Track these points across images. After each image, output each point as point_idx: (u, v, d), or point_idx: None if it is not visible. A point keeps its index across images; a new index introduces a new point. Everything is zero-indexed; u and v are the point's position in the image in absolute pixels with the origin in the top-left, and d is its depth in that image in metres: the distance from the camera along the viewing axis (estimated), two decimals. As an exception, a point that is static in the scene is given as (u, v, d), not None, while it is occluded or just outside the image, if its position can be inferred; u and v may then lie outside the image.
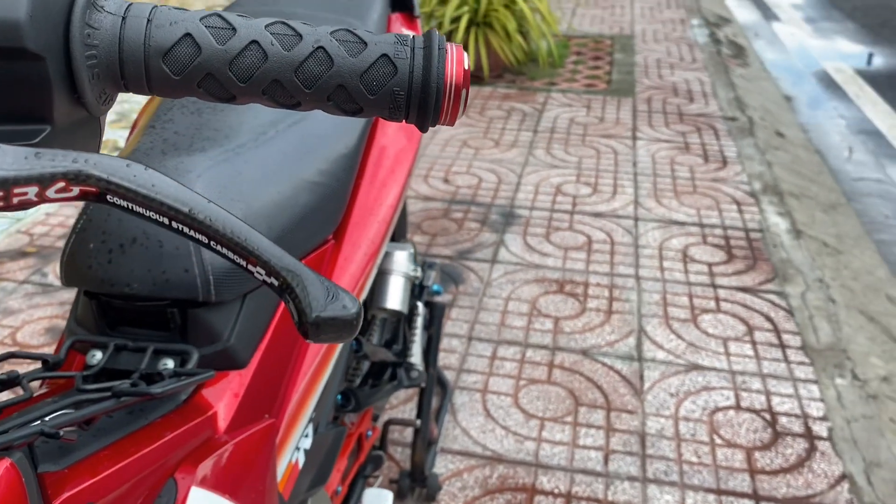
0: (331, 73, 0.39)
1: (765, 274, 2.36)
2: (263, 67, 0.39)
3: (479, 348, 2.00)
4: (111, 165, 0.37)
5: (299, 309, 0.39)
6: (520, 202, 2.78)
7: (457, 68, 0.39)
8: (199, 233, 0.38)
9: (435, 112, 0.39)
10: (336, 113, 0.41)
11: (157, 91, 0.40)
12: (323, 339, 0.39)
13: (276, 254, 0.39)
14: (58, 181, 0.36)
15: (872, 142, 3.79)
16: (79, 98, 0.38)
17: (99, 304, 0.76)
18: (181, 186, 0.38)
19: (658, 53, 4.84)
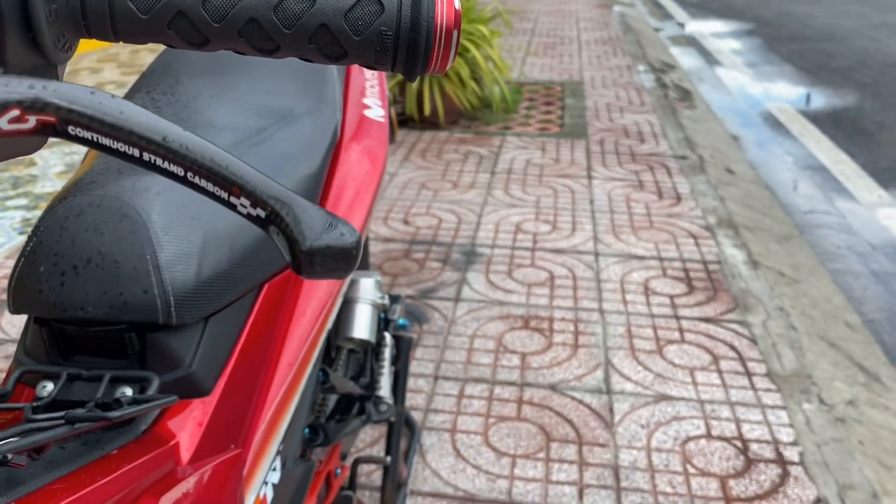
0: (313, 12, 0.36)
1: (725, 304, 2.37)
2: (240, 5, 0.36)
3: (445, 387, 1.95)
4: (73, 92, 0.33)
5: (291, 239, 0.35)
6: (481, 241, 2.77)
7: (447, 8, 0.37)
8: (173, 164, 0.34)
9: (425, 55, 0.37)
10: (318, 59, 0.38)
11: (122, 34, 0.36)
12: (318, 273, 0.36)
13: (262, 181, 0.35)
14: (11, 108, 0.32)
15: (819, 176, 3.89)
16: (34, 39, 0.35)
17: (50, 331, 0.71)
18: (152, 114, 0.35)
19: (607, 98, 4.94)
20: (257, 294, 0.83)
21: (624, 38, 7.12)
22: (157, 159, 0.34)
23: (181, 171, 0.34)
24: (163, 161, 0.34)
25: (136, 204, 0.72)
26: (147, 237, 0.70)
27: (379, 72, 1.22)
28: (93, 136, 0.33)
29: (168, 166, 0.34)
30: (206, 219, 0.76)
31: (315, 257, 0.35)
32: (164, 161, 0.34)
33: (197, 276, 0.72)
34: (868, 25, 8.35)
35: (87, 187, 0.74)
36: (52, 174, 3.47)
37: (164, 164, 0.34)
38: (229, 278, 0.76)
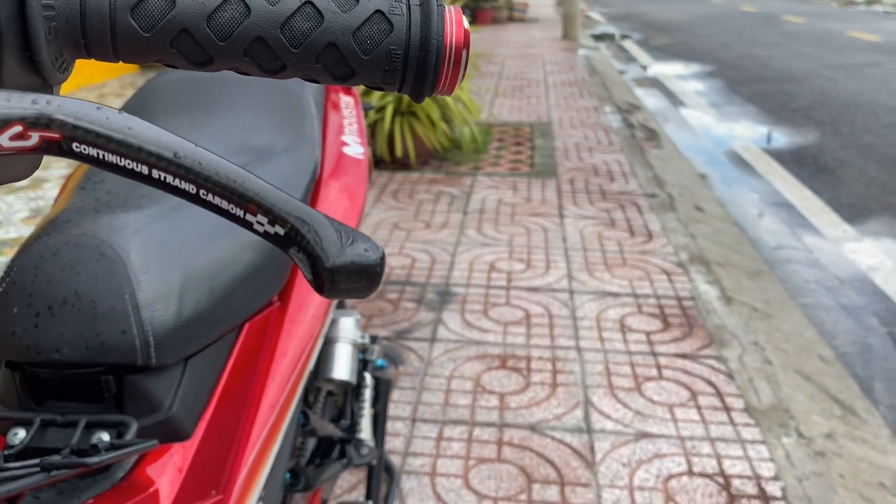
0: (321, 30, 0.35)
1: (701, 340, 2.38)
2: (246, 23, 0.34)
3: (424, 430, 1.92)
4: (78, 108, 0.32)
5: (313, 256, 0.34)
6: (455, 280, 2.76)
7: (456, 27, 0.36)
8: (185, 181, 0.33)
9: (434, 75, 0.36)
10: (324, 79, 0.37)
11: (123, 53, 0.35)
12: (342, 292, 0.34)
13: (281, 197, 0.34)
14: (13, 125, 0.30)
15: (785, 213, 3.95)
16: (32, 58, 0.33)
17: (23, 375, 0.68)
18: (163, 130, 0.33)
19: (576, 138, 5.00)
20: (238, 334, 0.81)
21: (589, 80, 7.24)
22: (168, 177, 0.32)
23: (193, 188, 0.33)
24: (174, 178, 0.33)
25: (113, 242, 0.70)
26: (125, 276, 0.68)
27: (357, 108, 1.21)
28: (99, 154, 0.32)
29: (179, 184, 0.33)
30: (185, 257, 0.74)
31: (339, 275, 0.33)
32: (175, 178, 0.33)
33: (177, 315, 0.70)
34: (825, 66, 8.61)
35: (62, 226, 0.71)
36: (17, 219, 3.40)
37: (175, 182, 0.33)
38: (210, 318, 0.74)
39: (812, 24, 13.57)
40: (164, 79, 1.07)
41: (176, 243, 0.74)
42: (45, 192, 3.75)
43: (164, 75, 1.09)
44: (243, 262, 0.80)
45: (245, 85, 1.04)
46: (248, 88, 1.04)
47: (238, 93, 1.03)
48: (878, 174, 4.58)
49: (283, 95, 1.04)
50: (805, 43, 10.86)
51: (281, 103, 1.03)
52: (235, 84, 1.04)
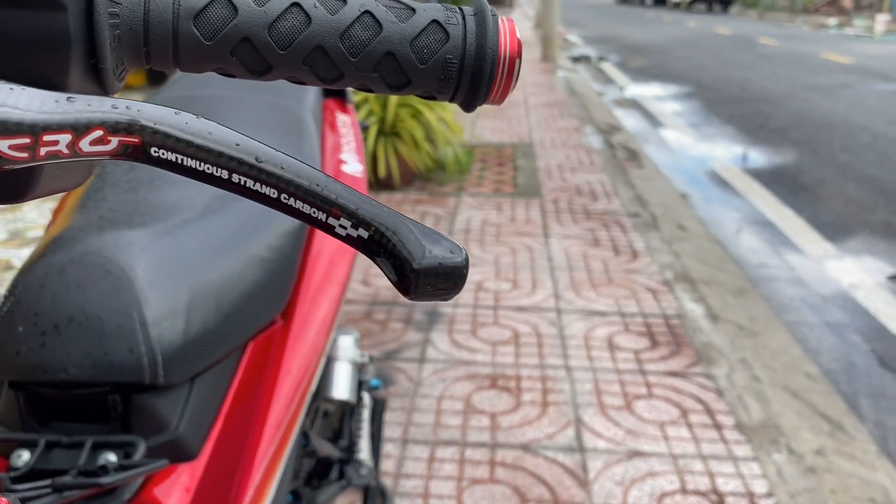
0: (379, 39, 0.35)
1: (689, 358, 2.39)
2: (307, 32, 0.35)
3: (415, 451, 1.90)
4: (157, 112, 0.31)
5: (399, 259, 0.33)
6: (442, 301, 2.75)
7: (510, 37, 0.36)
8: (267, 186, 0.32)
9: (488, 84, 0.36)
10: (379, 88, 0.37)
11: (183, 61, 0.35)
12: (428, 295, 0.34)
13: (363, 200, 0.33)
14: (94, 129, 0.30)
15: (766, 231, 3.99)
16: (95, 65, 0.33)
17: (27, 395, 0.67)
18: (242, 135, 0.33)
19: (558, 159, 5.03)
20: (242, 352, 0.80)
21: (569, 102, 7.31)
22: (249, 181, 0.32)
23: (275, 192, 0.32)
24: (254, 183, 0.32)
25: (119, 260, 0.69)
26: (132, 294, 0.67)
27: (354, 127, 1.21)
28: (178, 158, 0.31)
29: (260, 188, 0.32)
30: (192, 274, 0.73)
31: (426, 277, 0.33)
32: (257, 183, 0.32)
33: (185, 333, 0.69)
34: (800, 87, 8.75)
35: (66, 244, 0.70)
36: (-3, 241, 3.35)
37: (256, 186, 0.32)
38: (216, 336, 0.74)
39: (786, 47, 13.82)
40: (161, 98, 1.06)
41: (181, 261, 0.74)
42: (23, 213, 3.71)
43: (162, 94, 1.09)
44: (248, 280, 0.79)
45: (244, 104, 1.04)
46: (246, 107, 1.04)
47: (237, 112, 1.03)
48: (856, 193, 4.65)
49: (282, 114, 1.04)
50: (780, 65, 11.05)
51: (280, 122, 1.03)
52: (234, 103, 1.04)
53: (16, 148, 0.29)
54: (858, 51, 13.10)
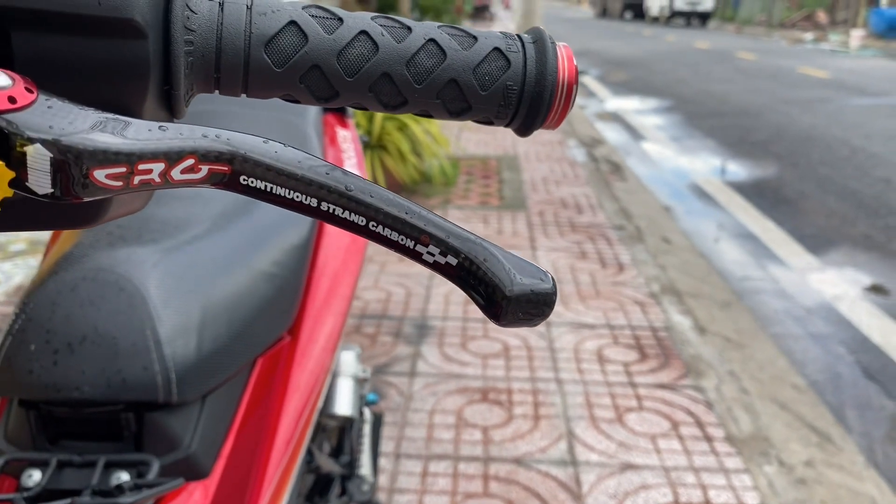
0: (443, 67, 0.36)
1: (678, 370, 2.40)
2: (374, 60, 0.35)
3: (408, 466, 1.90)
4: (247, 141, 0.31)
5: (490, 285, 0.33)
6: (432, 313, 2.75)
7: (568, 64, 0.37)
8: (356, 214, 0.33)
9: (546, 110, 0.37)
10: (440, 115, 0.37)
11: (252, 87, 0.35)
12: (519, 321, 0.34)
13: (451, 227, 0.34)
14: (186, 158, 0.30)
15: (750, 244, 4.03)
16: (169, 91, 0.33)
17: (38, 414, 0.66)
18: (329, 163, 0.33)
19: (542, 172, 5.06)
20: (251, 369, 0.80)
21: (553, 115, 7.35)
22: (338, 209, 0.32)
23: (363, 220, 0.33)
24: (343, 211, 0.32)
25: (132, 277, 0.68)
26: (146, 311, 0.67)
27: (355, 142, 1.22)
28: (267, 187, 0.32)
29: (349, 216, 0.33)
30: (203, 291, 0.73)
31: (517, 304, 0.33)
32: (346, 211, 0.32)
33: (198, 351, 0.69)
34: (779, 101, 8.87)
35: (77, 261, 0.70)
36: (-21, 255, 3.31)
37: (345, 214, 0.33)
38: (228, 353, 0.73)
39: (764, 61, 14.00)
40: None
41: (192, 277, 0.73)
42: (7, 227, 3.66)
43: None
44: (258, 295, 0.79)
45: (248, 119, 1.04)
46: (250, 123, 1.04)
47: (241, 128, 1.03)
48: (837, 206, 4.71)
49: (286, 129, 1.04)
50: (758, 79, 11.19)
51: (283, 137, 1.03)
52: (237, 119, 1.04)
53: (112, 177, 0.29)
54: (834, 65, 13.30)
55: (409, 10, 5.94)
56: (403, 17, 0.37)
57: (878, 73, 12.07)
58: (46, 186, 0.28)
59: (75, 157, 0.28)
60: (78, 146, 0.28)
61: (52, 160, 0.28)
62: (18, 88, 0.28)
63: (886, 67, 13.11)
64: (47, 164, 0.28)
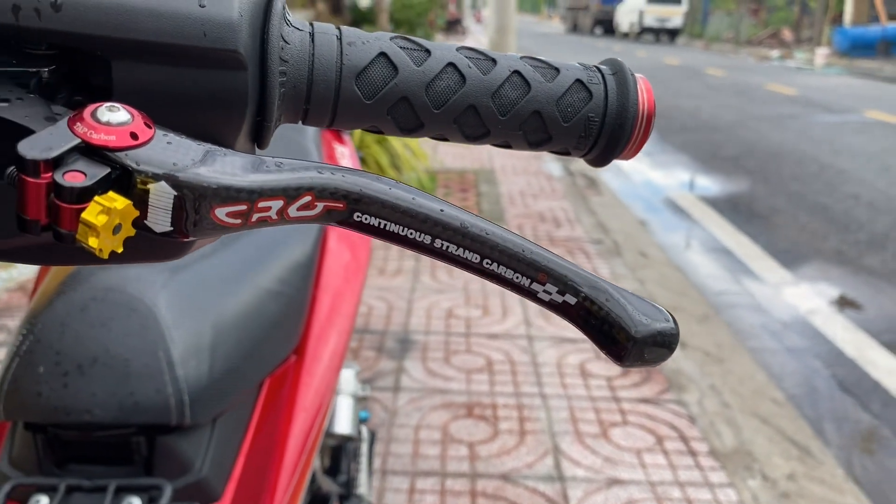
0: (527, 99, 0.36)
1: (660, 384, 2.41)
2: (461, 92, 0.35)
3: (395, 482, 1.88)
4: (361, 178, 0.31)
5: (615, 326, 0.33)
6: (414, 327, 2.74)
7: (647, 95, 0.37)
8: (470, 251, 0.32)
9: (626, 141, 0.37)
10: (520, 146, 0.37)
11: (340, 118, 0.35)
12: (643, 361, 0.33)
13: (569, 267, 0.33)
14: (304, 195, 0.30)
15: (725, 259, 4.08)
16: (261, 122, 0.33)
17: (45, 438, 0.65)
18: (443, 200, 0.33)
19: (519, 185, 5.08)
20: (259, 390, 0.79)
21: (528, 129, 7.39)
22: (452, 247, 0.32)
23: (477, 258, 0.32)
24: (457, 248, 0.32)
25: (144, 297, 0.67)
26: (158, 332, 0.66)
27: (354, 158, 1.21)
28: (380, 224, 0.31)
29: (462, 254, 0.32)
30: (212, 310, 0.72)
31: (643, 345, 0.33)
32: (459, 248, 0.32)
33: (210, 372, 0.68)
34: (749, 117, 9.01)
35: (85, 280, 0.68)
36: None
37: (458, 252, 0.32)
38: (238, 374, 0.72)
39: (733, 78, 14.23)
40: None
41: (201, 296, 0.72)
42: None
43: None
44: (266, 315, 0.78)
45: None
46: None
47: None
48: (808, 221, 4.79)
49: (286, 143, 1.03)
50: (728, 95, 11.36)
51: (283, 151, 1.02)
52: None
53: (232, 215, 0.28)
54: (801, 82, 13.56)
55: (387, 23, 5.96)
56: (487, 49, 0.37)
57: (843, 90, 12.32)
58: (166, 224, 0.28)
59: (199, 196, 0.27)
60: (202, 184, 0.27)
61: (175, 198, 0.27)
62: (138, 124, 0.27)
63: (851, 85, 13.39)
64: (170, 202, 0.27)
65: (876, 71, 15.66)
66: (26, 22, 0.27)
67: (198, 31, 0.29)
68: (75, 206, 0.25)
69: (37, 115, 0.27)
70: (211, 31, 0.29)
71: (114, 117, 0.27)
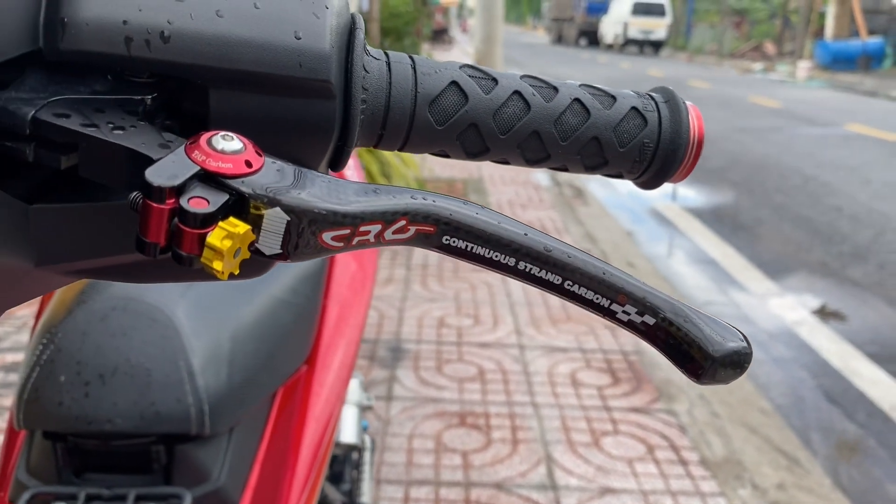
0: (587, 125, 0.38)
1: (650, 394, 2.43)
2: (526, 118, 0.37)
3: (389, 491, 1.89)
4: (450, 203, 0.33)
5: (694, 346, 0.34)
6: (406, 336, 2.75)
7: (698, 122, 0.39)
8: (552, 273, 0.33)
9: (677, 165, 0.38)
10: (576, 169, 0.39)
11: (411, 143, 0.36)
12: (719, 379, 0.35)
13: (647, 288, 0.35)
14: (400, 219, 0.31)
15: (711, 269, 4.12)
16: (341, 147, 0.34)
17: (65, 447, 0.65)
18: (523, 224, 0.34)
19: (508, 194, 5.11)
20: (272, 400, 0.79)
21: (515, 139, 7.43)
22: (535, 269, 0.33)
23: (559, 279, 0.33)
24: (540, 270, 0.33)
25: (163, 307, 0.68)
26: (179, 342, 0.66)
27: (358, 169, 1.22)
28: (468, 247, 0.32)
29: (545, 275, 0.33)
30: (229, 320, 0.73)
31: (721, 364, 0.34)
32: (542, 270, 0.33)
33: (228, 382, 0.69)
34: (733, 130, 9.10)
35: (105, 289, 0.69)
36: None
37: (540, 273, 0.33)
38: (255, 383, 0.73)
39: (717, 90, 14.36)
40: None
41: (218, 306, 0.73)
42: None
43: None
44: (280, 325, 0.79)
45: None
46: None
47: None
48: (793, 232, 4.85)
49: None
50: (712, 108, 11.47)
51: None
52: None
53: (336, 238, 0.30)
54: (784, 95, 13.71)
55: (378, 33, 5.98)
56: (549, 78, 0.38)
57: (825, 103, 12.48)
58: (276, 248, 0.29)
59: (310, 221, 0.29)
60: (313, 209, 0.29)
61: (287, 223, 0.28)
62: (251, 152, 0.28)
63: (833, 98, 13.56)
64: (282, 226, 0.28)
65: (857, 85, 15.87)
66: (137, 52, 0.29)
67: (294, 61, 0.31)
68: (198, 231, 0.26)
69: (152, 142, 0.28)
70: (306, 62, 0.31)
71: (228, 146, 0.28)
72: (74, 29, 0.28)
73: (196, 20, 0.29)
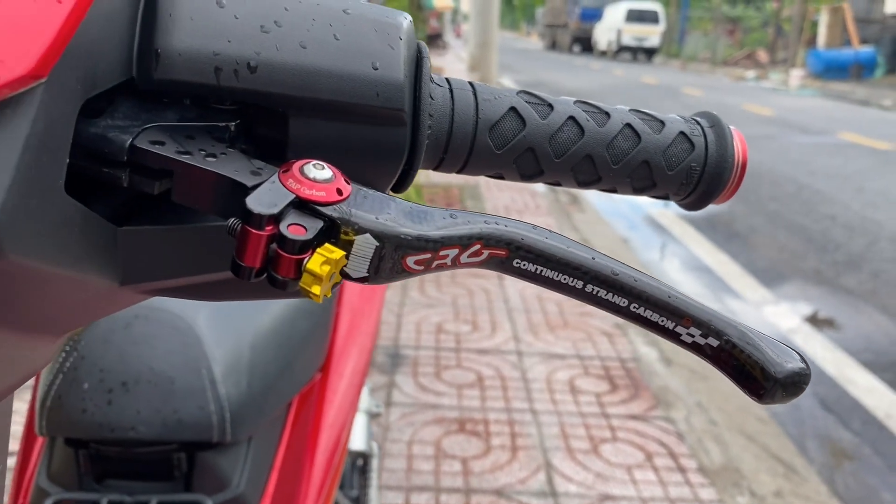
0: (638, 149, 0.39)
1: (648, 401, 2.45)
2: (580, 143, 0.38)
3: (389, 497, 1.89)
4: (521, 227, 0.34)
5: (756, 367, 0.35)
6: (404, 342, 2.76)
7: (742, 146, 0.40)
8: (619, 296, 0.34)
9: (722, 187, 0.40)
10: (624, 191, 0.40)
11: (470, 166, 0.38)
12: (779, 399, 0.36)
13: (711, 310, 0.36)
14: (475, 244, 0.32)
15: (705, 277, 4.14)
16: (407, 171, 0.35)
17: (87, 454, 0.66)
18: (591, 248, 0.35)
19: (504, 200, 5.12)
20: (289, 407, 0.80)
21: (510, 145, 7.45)
22: (602, 292, 0.34)
23: (625, 302, 0.34)
24: (607, 293, 0.34)
25: (185, 315, 0.69)
26: (201, 350, 0.67)
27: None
28: (537, 270, 0.33)
29: (612, 298, 0.34)
30: (249, 328, 0.74)
31: (782, 385, 0.35)
32: (609, 293, 0.34)
33: (249, 389, 0.69)
34: (726, 138, 9.13)
35: (127, 298, 0.69)
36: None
37: (608, 296, 0.34)
38: (274, 391, 0.74)
39: (710, 97, 14.44)
40: None
41: (237, 314, 0.74)
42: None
43: None
44: (297, 332, 0.80)
45: None
46: None
47: None
48: (787, 241, 4.88)
49: None
50: (705, 115, 11.51)
51: None
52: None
53: (419, 262, 0.31)
54: (776, 103, 13.79)
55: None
56: (601, 103, 0.39)
57: (817, 112, 12.55)
58: (363, 271, 0.30)
59: (396, 246, 0.30)
60: (399, 235, 0.30)
61: (376, 248, 0.29)
62: (340, 181, 0.30)
63: (825, 107, 13.65)
64: (371, 251, 0.29)
65: (849, 93, 15.98)
66: (226, 82, 0.30)
67: (371, 91, 0.32)
68: (296, 257, 0.27)
69: (244, 169, 0.29)
70: (383, 91, 0.32)
71: (319, 174, 0.29)
72: (168, 59, 0.29)
73: (281, 51, 0.30)
